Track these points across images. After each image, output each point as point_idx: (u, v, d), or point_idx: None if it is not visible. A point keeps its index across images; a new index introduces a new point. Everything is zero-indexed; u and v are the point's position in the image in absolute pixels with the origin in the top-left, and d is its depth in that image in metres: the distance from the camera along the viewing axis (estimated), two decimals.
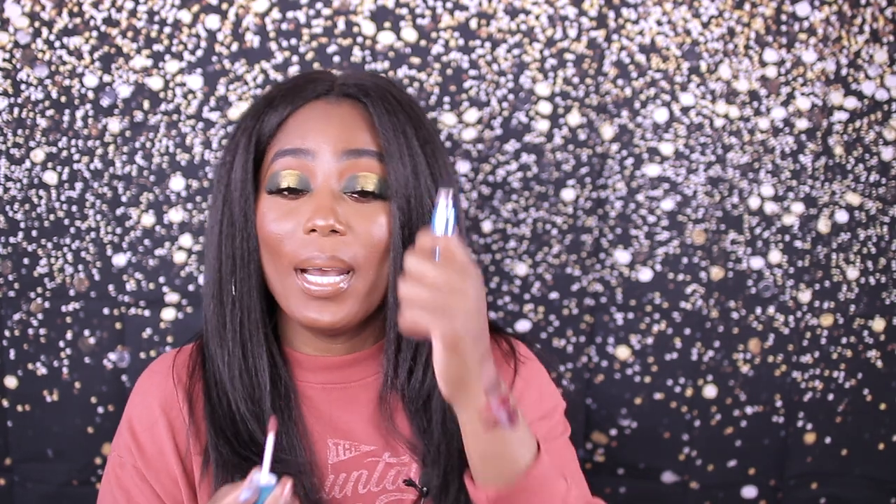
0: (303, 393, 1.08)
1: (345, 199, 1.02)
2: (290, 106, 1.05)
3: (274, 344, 1.08)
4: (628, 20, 1.41)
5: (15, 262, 1.43)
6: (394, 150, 1.02)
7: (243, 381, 1.05)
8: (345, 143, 1.02)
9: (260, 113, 1.06)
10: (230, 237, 1.05)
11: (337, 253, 1.00)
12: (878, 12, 1.41)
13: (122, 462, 1.07)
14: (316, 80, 1.08)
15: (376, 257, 1.02)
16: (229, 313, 1.05)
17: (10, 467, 1.47)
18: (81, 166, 1.41)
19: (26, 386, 1.45)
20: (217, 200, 1.07)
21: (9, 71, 1.39)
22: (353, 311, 1.02)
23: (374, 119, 1.04)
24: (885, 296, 1.47)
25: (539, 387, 1.13)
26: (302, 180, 1.02)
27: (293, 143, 1.03)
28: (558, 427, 1.12)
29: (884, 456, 1.50)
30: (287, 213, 1.02)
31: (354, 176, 1.02)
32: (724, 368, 1.48)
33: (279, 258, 1.02)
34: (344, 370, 1.08)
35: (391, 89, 1.07)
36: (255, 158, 1.05)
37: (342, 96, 1.07)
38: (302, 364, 1.09)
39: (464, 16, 1.41)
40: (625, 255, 1.46)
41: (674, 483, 1.50)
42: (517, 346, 1.14)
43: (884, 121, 1.43)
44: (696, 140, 1.44)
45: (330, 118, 1.04)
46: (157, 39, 1.39)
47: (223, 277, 1.06)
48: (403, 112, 1.05)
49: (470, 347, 0.87)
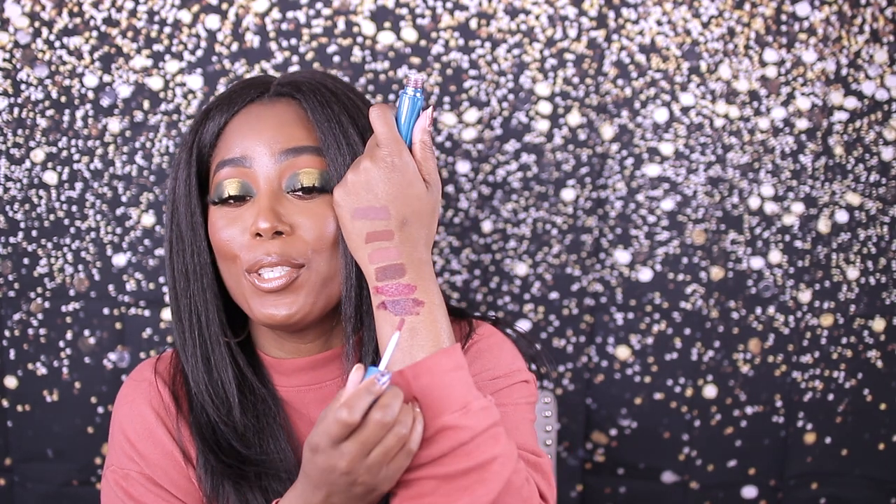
0: (282, 397, 1.08)
1: (288, 199, 1.01)
2: (225, 115, 1.05)
3: (240, 354, 1.07)
4: (628, 20, 1.41)
5: (15, 262, 1.43)
6: (331, 141, 1.01)
7: (211, 395, 1.05)
8: (281, 144, 1.02)
9: (198, 126, 1.06)
10: (180, 252, 1.05)
11: (284, 254, 1.00)
12: (878, 12, 1.41)
13: (126, 474, 1.05)
14: (251, 85, 1.07)
15: (326, 250, 1.01)
16: (188, 328, 1.05)
17: (10, 467, 1.47)
18: (81, 166, 1.41)
19: (26, 386, 1.45)
20: (166, 218, 1.08)
21: (9, 71, 1.39)
22: (308, 301, 1.01)
23: (308, 113, 1.03)
24: (885, 296, 1.47)
25: (493, 357, 1.08)
26: (244, 187, 1.02)
27: (231, 152, 1.03)
28: (512, 392, 1.07)
29: (884, 456, 1.50)
30: (233, 220, 1.02)
31: (295, 174, 1.01)
32: (724, 368, 1.48)
33: (232, 264, 1.02)
34: (316, 370, 1.08)
35: (326, 82, 1.06)
36: (201, 171, 1.05)
37: (276, 96, 1.06)
38: (276, 368, 1.09)
39: (464, 16, 1.40)
40: (625, 255, 1.46)
41: (674, 483, 1.50)
42: (477, 327, 1.11)
43: (884, 121, 1.43)
44: (696, 140, 1.43)
45: (264, 120, 1.03)
46: (157, 39, 1.39)
47: (178, 293, 1.06)
48: (338, 102, 1.04)
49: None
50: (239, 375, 1.06)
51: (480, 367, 1.06)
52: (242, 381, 1.06)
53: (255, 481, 1.02)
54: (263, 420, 1.06)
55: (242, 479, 1.02)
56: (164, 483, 1.05)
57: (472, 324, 1.11)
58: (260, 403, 1.06)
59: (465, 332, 1.10)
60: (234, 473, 1.02)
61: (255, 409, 1.06)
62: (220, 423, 1.04)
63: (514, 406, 1.05)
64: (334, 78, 1.08)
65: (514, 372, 1.08)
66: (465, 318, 1.12)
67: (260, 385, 1.07)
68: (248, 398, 1.06)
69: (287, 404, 1.08)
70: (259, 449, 1.04)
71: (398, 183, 0.94)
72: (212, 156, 1.05)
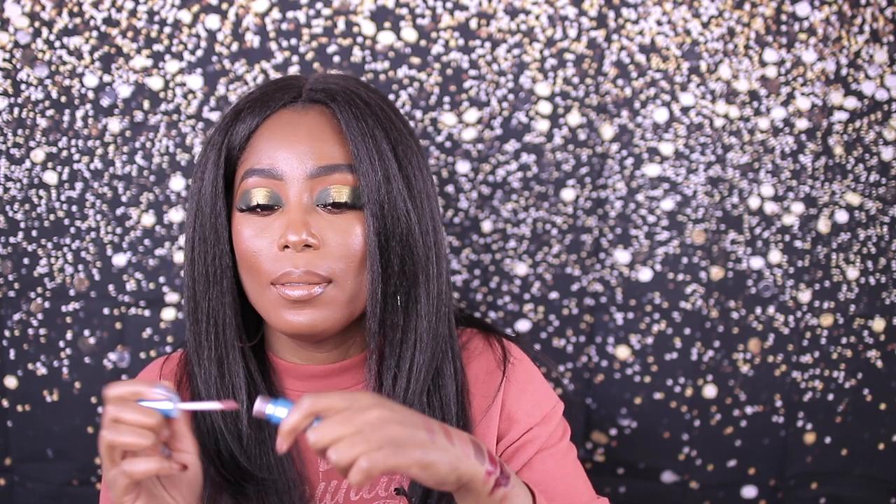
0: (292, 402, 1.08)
1: (318, 212, 1.00)
2: (257, 118, 1.03)
3: (252, 360, 1.07)
4: (628, 20, 1.41)
5: (15, 262, 1.43)
6: (363, 156, 1.00)
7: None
8: (314, 161, 1.00)
9: (228, 127, 1.04)
10: (202, 254, 1.04)
11: (312, 267, 0.99)
12: (878, 12, 1.41)
13: None
14: (283, 87, 1.06)
15: (353, 267, 1.00)
16: (204, 331, 1.04)
17: (10, 467, 1.47)
18: (81, 166, 1.41)
19: (26, 386, 1.45)
20: (189, 217, 1.06)
21: (9, 71, 1.39)
22: (332, 317, 1.01)
23: (342, 125, 1.01)
24: (885, 296, 1.47)
25: (534, 390, 1.12)
26: (273, 196, 1.01)
27: (262, 161, 1.01)
28: (557, 431, 1.11)
29: (884, 456, 1.50)
30: (261, 231, 1.01)
31: (326, 189, 1.00)
32: (724, 368, 1.48)
33: (257, 275, 1.01)
34: (331, 378, 1.07)
35: (360, 91, 1.05)
36: (227, 173, 1.04)
37: (309, 103, 1.04)
38: (290, 372, 1.08)
39: (464, 16, 1.41)
40: (625, 255, 1.46)
41: (674, 483, 1.50)
42: (509, 350, 1.13)
43: (884, 121, 1.43)
44: (696, 140, 1.44)
45: (298, 130, 1.02)
46: (157, 39, 1.39)
47: (197, 295, 1.04)
48: (372, 115, 1.02)
49: (424, 457, 0.85)
50: (250, 381, 1.06)
51: (529, 402, 1.10)
52: (252, 386, 1.06)
53: (253, 497, 1.02)
54: (266, 430, 1.05)
55: (241, 494, 1.02)
56: None
57: (504, 344, 1.13)
58: None
59: (500, 356, 1.12)
60: (234, 489, 1.02)
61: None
62: (226, 431, 1.04)
63: (563, 444, 1.11)
64: (367, 86, 1.07)
65: (556, 406, 1.13)
66: (492, 333, 1.13)
67: (268, 393, 1.06)
68: None
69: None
70: (260, 461, 1.04)
71: (390, 407, 0.89)
72: (240, 159, 1.03)
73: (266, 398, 0.87)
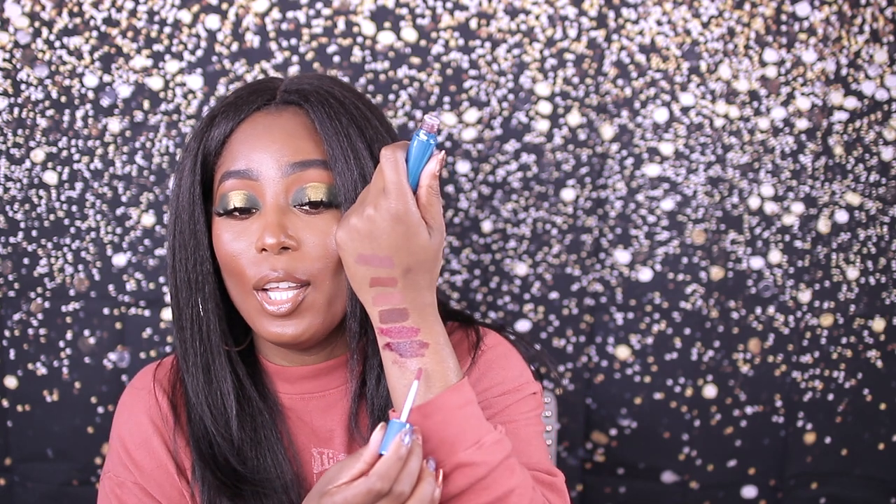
0: (283, 404, 1.08)
1: (295, 213, 1.00)
2: (231, 122, 1.03)
3: (240, 364, 1.07)
4: (628, 20, 1.41)
5: (15, 262, 1.43)
6: (338, 155, 1.00)
7: (209, 407, 1.05)
8: (288, 157, 1.00)
9: (203, 132, 1.04)
10: (183, 261, 1.04)
11: (290, 269, 0.99)
12: (878, 12, 1.41)
13: (120, 481, 1.06)
14: (257, 90, 1.05)
15: (331, 268, 1.00)
16: (189, 338, 1.04)
17: (10, 467, 1.47)
18: (81, 166, 1.41)
19: (26, 386, 1.45)
20: (169, 224, 1.06)
21: (9, 71, 1.39)
22: (315, 322, 1.01)
23: (316, 125, 1.01)
24: (885, 296, 1.47)
25: (500, 368, 1.09)
26: (250, 199, 1.00)
27: (237, 163, 1.01)
28: (521, 406, 1.08)
29: (884, 456, 1.50)
30: (239, 234, 1.01)
31: (302, 188, 1.00)
32: (724, 368, 1.48)
33: (239, 278, 1.01)
34: (320, 378, 1.07)
35: (334, 90, 1.04)
36: (204, 178, 1.04)
37: (283, 104, 1.04)
38: (280, 375, 1.08)
39: (464, 16, 1.40)
40: (625, 255, 1.46)
41: (674, 483, 1.50)
42: (484, 336, 1.11)
43: (884, 121, 1.43)
44: (696, 140, 1.44)
45: (271, 131, 1.02)
46: (157, 39, 1.39)
47: (181, 302, 1.04)
48: (347, 114, 1.02)
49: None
50: (238, 386, 1.05)
51: (490, 381, 1.07)
52: (241, 391, 1.06)
53: (251, 499, 1.02)
54: (261, 432, 1.05)
55: (238, 496, 1.02)
56: (156, 494, 1.05)
57: (479, 332, 1.11)
58: (258, 415, 1.06)
59: (473, 341, 1.10)
60: (231, 492, 1.02)
61: (254, 420, 1.06)
62: (218, 436, 1.04)
63: (525, 421, 1.06)
64: (342, 84, 1.07)
65: (522, 385, 1.08)
66: (471, 326, 1.12)
67: (258, 397, 1.06)
68: (246, 410, 1.06)
69: (289, 411, 1.07)
70: (256, 463, 1.04)
71: (402, 234, 0.92)
72: (217, 164, 1.03)
73: (437, 113, 0.88)
